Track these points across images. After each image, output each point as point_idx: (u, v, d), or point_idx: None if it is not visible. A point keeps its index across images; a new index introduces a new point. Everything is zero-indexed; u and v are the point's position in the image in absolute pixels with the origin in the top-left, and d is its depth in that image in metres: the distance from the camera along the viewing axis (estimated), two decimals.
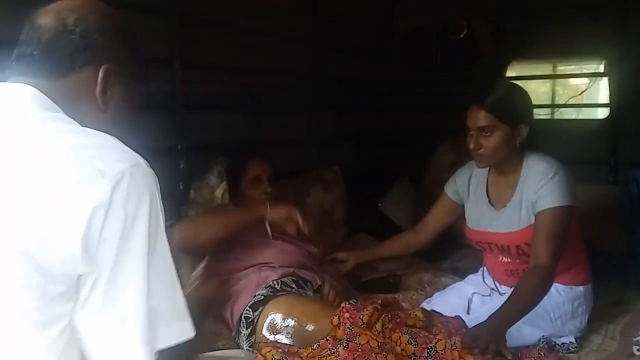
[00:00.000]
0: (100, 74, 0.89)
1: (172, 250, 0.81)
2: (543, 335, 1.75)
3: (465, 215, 1.96)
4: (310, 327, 1.51)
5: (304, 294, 1.77)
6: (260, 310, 1.66)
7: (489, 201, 1.87)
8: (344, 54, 3.29)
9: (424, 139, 3.61)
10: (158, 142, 2.06)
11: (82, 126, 0.84)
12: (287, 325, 1.55)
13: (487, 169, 1.88)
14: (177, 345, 0.79)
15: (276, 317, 1.58)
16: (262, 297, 1.70)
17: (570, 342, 1.79)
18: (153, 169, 0.80)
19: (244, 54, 2.49)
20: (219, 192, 2.09)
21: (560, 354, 1.72)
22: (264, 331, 1.59)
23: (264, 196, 2.03)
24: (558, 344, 1.78)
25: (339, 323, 1.40)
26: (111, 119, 0.93)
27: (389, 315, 1.43)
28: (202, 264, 1.89)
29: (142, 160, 0.78)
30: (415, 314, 1.52)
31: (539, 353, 1.57)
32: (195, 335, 0.81)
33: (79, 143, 0.77)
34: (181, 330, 0.80)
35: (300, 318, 1.56)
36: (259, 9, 2.52)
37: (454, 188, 1.99)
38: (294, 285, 1.78)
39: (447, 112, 3.34)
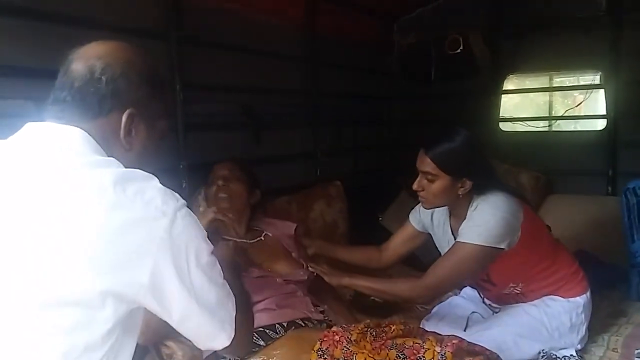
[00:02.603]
0: (124, 118, 0.96)
1: None
2: (543, 349, 1.76)
3: (437, 245, 1.96)
4: None
5: (274, 340, 1.60)
6: None
7: (452, 233, 1.85)
8: (342, 69, 3.32)
9: None
10: (160, 162, 2.07)
11: None
12: None
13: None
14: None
15: None
16: None
17: (571, 354, 1.79)
18: None
19: (243, 73, 2.53)
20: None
21: None
22: None
23: (217, 190, 1.88)
24: (559, 357, 1.78)
25: (319, 348, 1.41)
26: (137, 156, 1.00)
27: (374, 332, 1.44)
28: None
29: (177, 195, 0.92)
30: (394, 328, 1.50)
31: None
32: None
33: (139, 187, 0.87)
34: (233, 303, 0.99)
35: None
36: (256, 29, 2.56)
37: (417, 218, 1.99)
38: (259, 338, 1.58)
39: (445, 125, 3.39)
